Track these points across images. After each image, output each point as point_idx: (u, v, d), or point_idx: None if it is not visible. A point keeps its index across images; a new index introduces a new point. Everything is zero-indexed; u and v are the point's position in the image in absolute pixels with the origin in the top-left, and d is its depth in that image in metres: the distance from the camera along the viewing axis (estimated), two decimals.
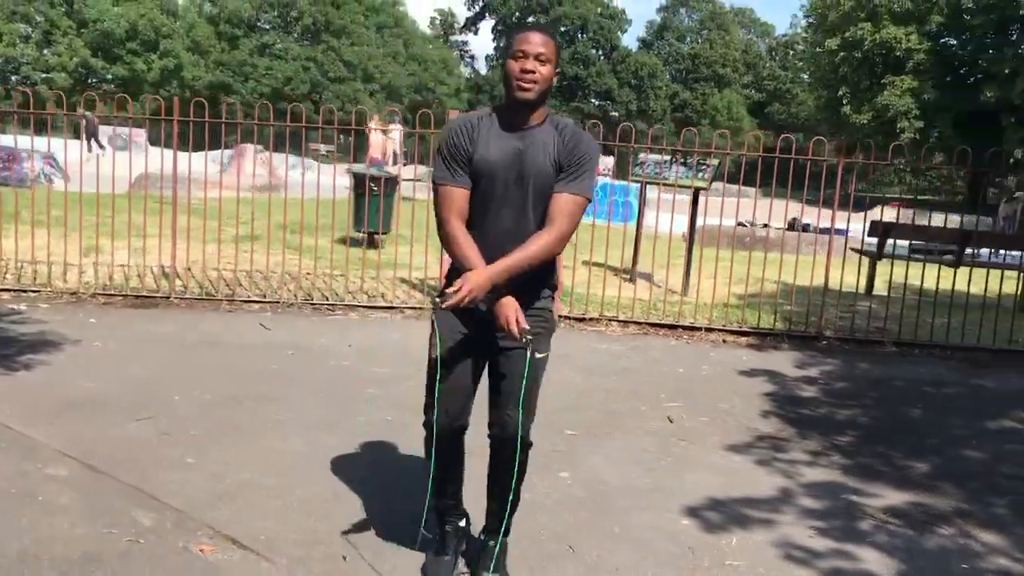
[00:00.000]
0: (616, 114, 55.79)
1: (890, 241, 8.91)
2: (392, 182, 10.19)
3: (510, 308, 2.73)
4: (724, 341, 7.21)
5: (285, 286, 7.71)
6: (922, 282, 7.75)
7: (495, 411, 2.95)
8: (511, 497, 3.01)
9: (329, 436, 4.39)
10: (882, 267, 9.62)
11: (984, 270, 8.59)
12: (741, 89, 65.77)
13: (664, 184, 8.80)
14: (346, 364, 5.78)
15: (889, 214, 10.02)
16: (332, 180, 7.84)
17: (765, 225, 11.74)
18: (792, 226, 15.45)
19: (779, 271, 8.01)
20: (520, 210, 2.83)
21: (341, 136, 13.80)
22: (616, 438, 4.68)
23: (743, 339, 7.28)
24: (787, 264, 7.89)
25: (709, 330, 7.40)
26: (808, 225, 14.70)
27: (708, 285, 7.91)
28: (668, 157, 8.96)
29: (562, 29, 59.88)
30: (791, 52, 64.15)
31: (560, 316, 7.36)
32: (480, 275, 2.68)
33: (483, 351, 2.94)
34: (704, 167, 8.73)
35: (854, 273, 8.27)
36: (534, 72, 2.74)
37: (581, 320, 7.46)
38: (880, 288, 9.31)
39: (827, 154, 12.69)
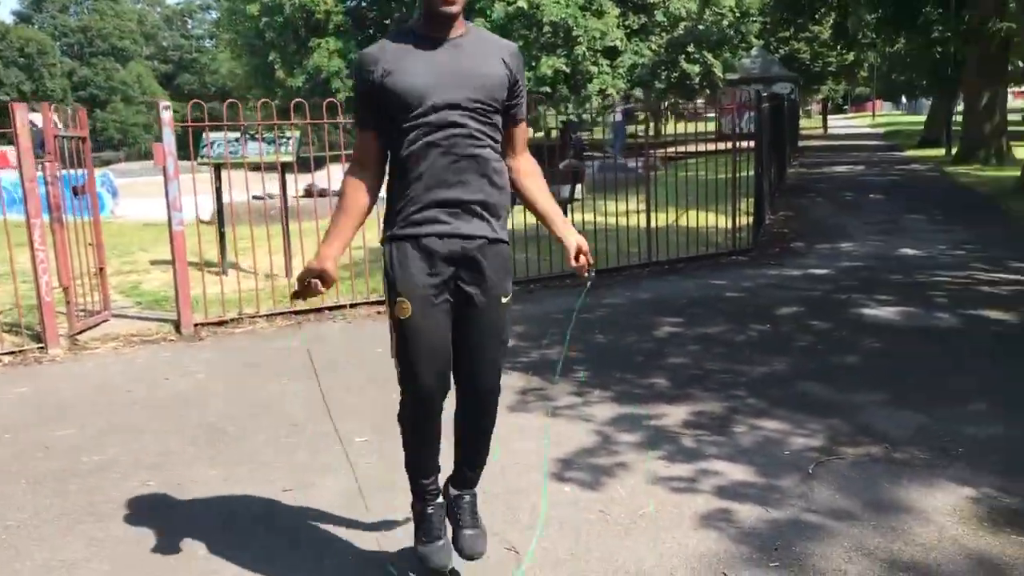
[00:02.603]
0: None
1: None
2: None
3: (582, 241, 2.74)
4: (378, 313, 7.09)
5: None
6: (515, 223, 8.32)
7: (468, 362, 2.68)
8: (486, 448, 2.89)
9: None
10: None
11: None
12: (146, 61, 62.74)
13: (248, 162, 8.21)
14: None
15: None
16: None
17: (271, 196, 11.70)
18: (309, 192, 15.46)
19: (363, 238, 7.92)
20: (471, 123, 2.54)
21: None
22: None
23: None
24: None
25: (354, 305, 7.21)
26: (325, 190, 14.85)
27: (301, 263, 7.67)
28: (238, 134, 8.35)
29: None
30: (190, 21, 62.74)
31: (198, 325, 6.59)
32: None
33: (452, 297, 2.61)
34: (285, 139, 8.34)
35: None
36: None
37: (221, 324, 6.73)
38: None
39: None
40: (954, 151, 21.99)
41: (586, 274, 2.74)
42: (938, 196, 14.91)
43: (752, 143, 9.95)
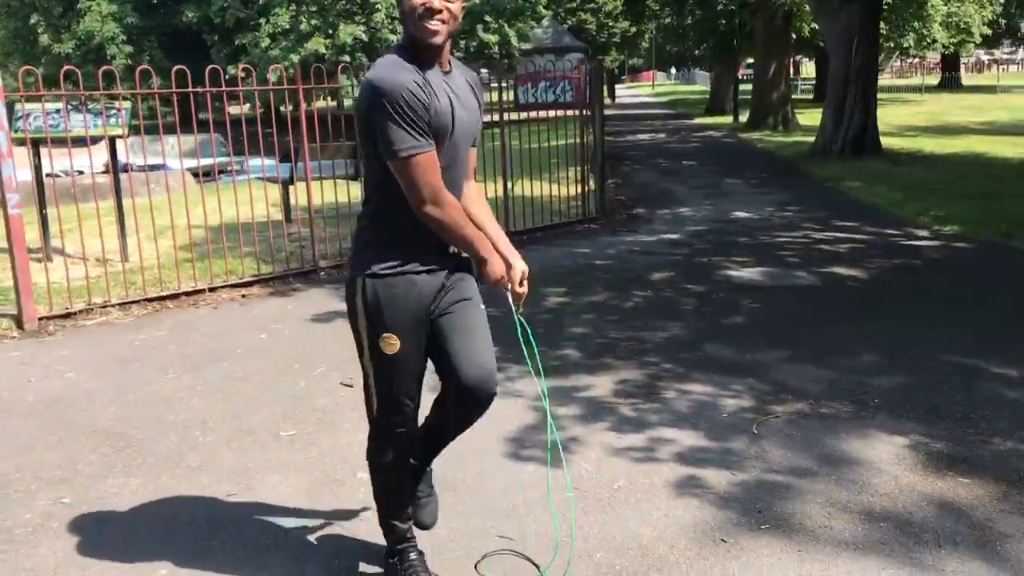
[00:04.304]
0: None
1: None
2: None
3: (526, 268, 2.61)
4: (243, 296, 6.64)
5: None
6: (336, 198, 7.97)
7: (469, 361, 2.50)
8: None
9: None
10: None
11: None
12: None
13: (71, 137, 7.39)
14: None
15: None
16: None
17: (80, 172, 10.86)
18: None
19: (171, 215, 7.45)
20: (458, 165, 2.50)
21: None
22: (339, 415, 4.16)
23: (258, 289, 6.80)
24: (178, 206, 7.49)
25: (213, 289, 6.70)
26: (127, 165, 13.76)
27: (146, 246, 7.15)
28: (60, 105, 7.52)
29: None
30: None
31: (43, 318, 5.92)
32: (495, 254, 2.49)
33: (433, 318, 2.51)
34: (114, 111, 7.59)
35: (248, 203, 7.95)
36: (441, 11, 2.28)
37: (68, 316, 6.06)
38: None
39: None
40: (742, 118, 23.43)
41: (519, 303, 2.59)
42: (745, 160, 15.84)
43: (588, 111, 10.07)
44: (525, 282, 2.59)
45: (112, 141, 7.65)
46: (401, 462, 2.61)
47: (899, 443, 3.73)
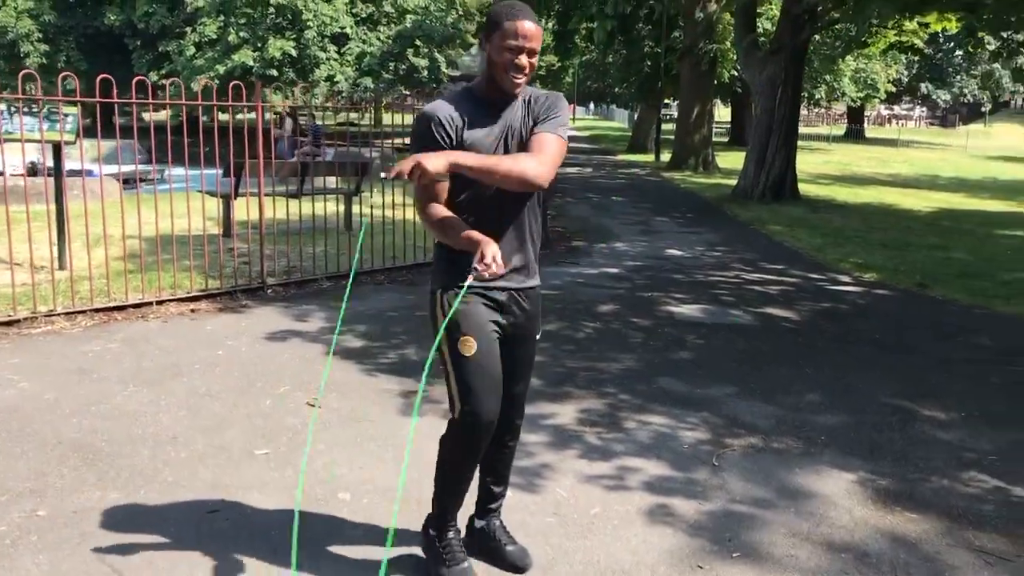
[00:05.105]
0: None
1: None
2: None
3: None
4: (192, 311, 6.58)
5: None
6: (274, 214, 8.00)
7: (513, 392, 2.89)
8: (510, 469, 3.12)
9: None
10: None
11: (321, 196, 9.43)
12: None
13: (12, 140, 7.23)
14: None
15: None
16: None
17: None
18: (34, 170, 13.84)
19: (104, 222, 7.36)
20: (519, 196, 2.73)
21: None
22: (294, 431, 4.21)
23: (207, 304, 6.74)
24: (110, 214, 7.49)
25: (161, 303, 6.63)
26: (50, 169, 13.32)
27: (82, 255, 7.03)
28: (3, 107, 7.35)
29: None
30: None
31: None
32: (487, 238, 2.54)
33: (502, 338, 2.81)
34: (58, 116, 7.44)
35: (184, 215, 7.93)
36: (526, 68, 2.62)
37: (10, 324, 5.91)
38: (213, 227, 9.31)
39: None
40: (664, 158, 24.09)
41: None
42: (671, 199, 16.33)
43: None
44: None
45: (57, 147, 7.49)
46: (471, 455, 2.82)
47: (848, 478, 3.99)
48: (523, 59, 2.57)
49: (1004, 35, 14.70)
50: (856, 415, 4.81)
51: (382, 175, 2.50)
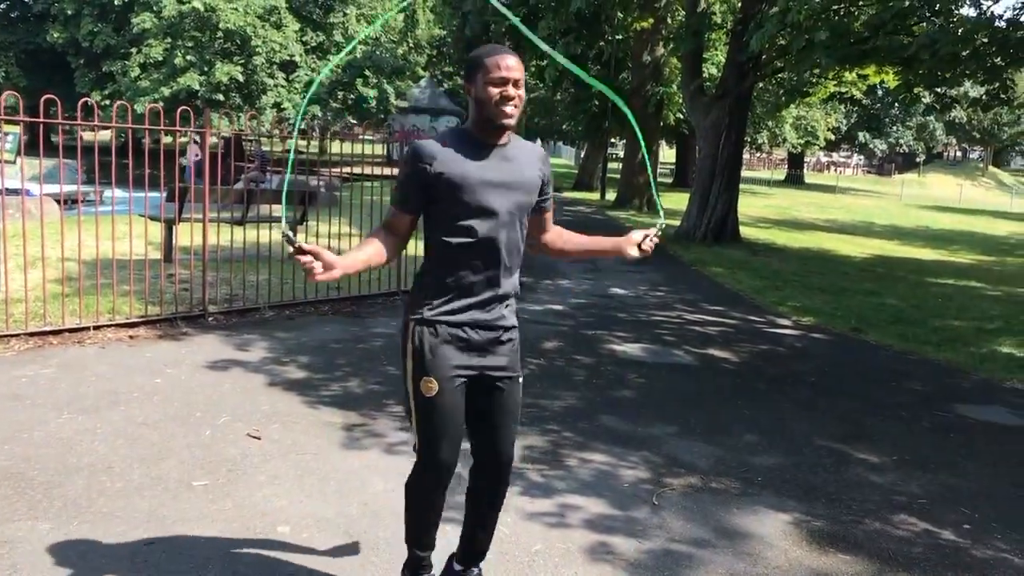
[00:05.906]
0: None
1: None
2: None
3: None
4: (131, 337, 6.46)
5: None
6: (217, 241, 7.89)
7: (492, 439, 2.85)
8: (497, 517, 3.04)
9: None
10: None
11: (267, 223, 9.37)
12: None
13: None
14: None
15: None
16: None
17: None
18: None
19: (43, 245, 7.24)
20: (511, 226, 2.77)
21: None
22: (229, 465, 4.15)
23: (146, 331, 6.63)
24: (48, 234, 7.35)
25: (98, 327, 6.50)
26: None
27: (18, 276, 6.88)
28: None
29: None
30: None
31: None
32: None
33: (471, 382, 2.79)
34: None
35: (125, 238, 7.89)
36: (514, 98, 2.68)
37: None
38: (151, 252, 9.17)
39: None
40: (609, 196, 24.40)
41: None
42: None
43: None
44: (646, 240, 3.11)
45: None
46: (430, 497, 2.84)
47: (784, 519, 4.06)
48: (511, 89, 2.63)
49: (938, 90, 15.25)
50: (793, 456, 4.91)
51: (288, 246, 2.43)
